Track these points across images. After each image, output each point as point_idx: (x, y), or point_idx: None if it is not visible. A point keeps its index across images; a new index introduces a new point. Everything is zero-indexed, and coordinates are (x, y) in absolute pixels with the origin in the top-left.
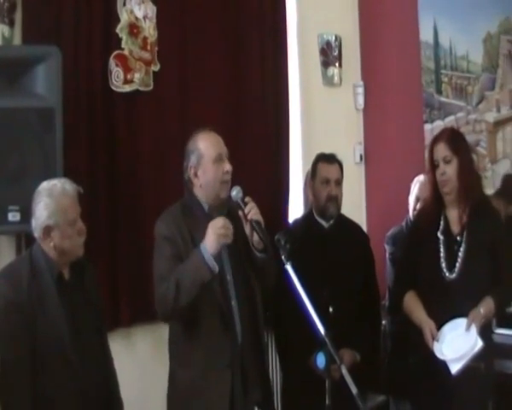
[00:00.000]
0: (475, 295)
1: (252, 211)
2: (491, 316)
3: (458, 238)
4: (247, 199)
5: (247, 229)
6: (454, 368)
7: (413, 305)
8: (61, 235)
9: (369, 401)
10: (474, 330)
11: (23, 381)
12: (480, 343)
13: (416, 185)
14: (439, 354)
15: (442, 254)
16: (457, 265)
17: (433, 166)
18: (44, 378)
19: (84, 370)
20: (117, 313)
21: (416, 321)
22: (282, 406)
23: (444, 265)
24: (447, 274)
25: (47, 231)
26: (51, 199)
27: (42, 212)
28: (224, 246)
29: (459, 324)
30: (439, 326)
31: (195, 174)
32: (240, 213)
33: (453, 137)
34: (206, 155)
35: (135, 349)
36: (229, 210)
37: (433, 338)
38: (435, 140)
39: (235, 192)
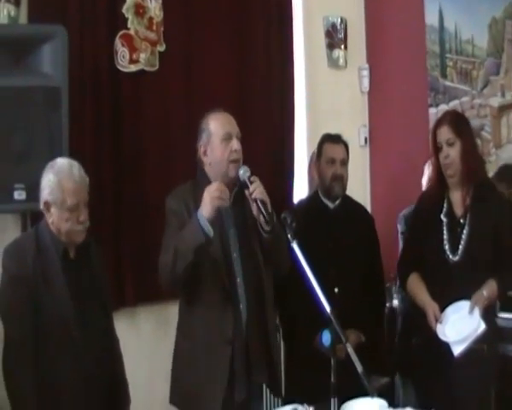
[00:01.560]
0: (478, 278)
1: (256, 190)
2: (494, 299)
3: (461, 221)
4: (252, 178)
5: (254, 209)
6: (456, 350)
7: (416, 287)
8: (58, 215)
9: (372, 382)
10: (476, 312)
11: (27, 357)
12: (482, 326)
13: (430, 167)
14: (441, 336)
15: (445, 237)
16: (460, 247)
17: (437, 148)
18: (48, 356)
19: (88, 349)
20: (121, 292)
21: (420, 303)
22: (285, 386)
23: (447, 247)
24: (450, 256)
25: (47, 206)
26: (56, 177)
27: (45, 186)
28: (232, 224)
29: (462, 306)
30: (443, 308)
31: (205, 153)
32: (246, 192)
33: (456, 120)
34: (215, 134)
35: (139, 329)
36: (239, 189)
37: (437, 320)
38: (438, 123)
39: (243, 171)
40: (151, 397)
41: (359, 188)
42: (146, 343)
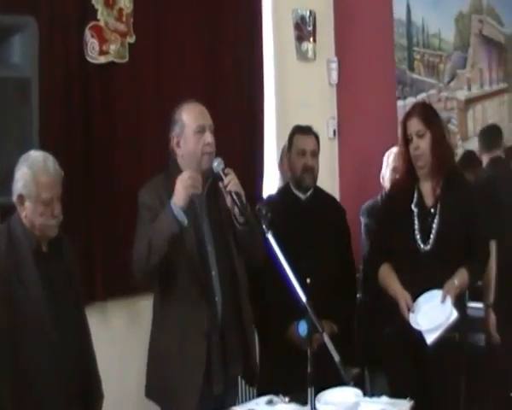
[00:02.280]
0: (449, 267)
1: (231, 182)
2: (465, 287)
3: (432, 210)
4: (227, 170)
5: (228, 201)
6: (429, 338)
7: (388, 277)
8: (32, 209)
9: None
10: (449, 301)
11: (2, 353)
12: (455, 314)
13: (391, 157)
14: (414, 325)
15: (416, 227)
16: (432, 236)
17: (406, 140)
18: (22, 352)
19: (62, 345)
20: (92, 287)
21: (392, 293)
22: (260, 377)
23: (418, 237)
24: (422, 246)
25: (20, 199)
26: (30, 171)
27: (19, 179)
28: (206, 216)
29: (434, 295)
30: (414, 298)
31: (178, 144)
32: (220, 184)
33: (425, 112)
34: (188, 126)
35: (110, 324)
36: (213, 181)
37: (409, 309)
38: (408, 115)
39: (217, 163)
40: (123, 393)
41: (328, 180)
42: (117, 339)
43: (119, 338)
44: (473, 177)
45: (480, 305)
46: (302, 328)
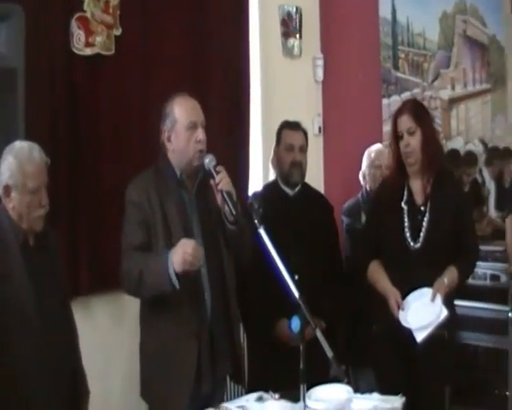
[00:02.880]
0: (439, 265)
1: (223, 181)
2: (455, 286)
3: (422, 208)
4: (218, 168)
5: (219, 199)
6: (419, 336)
7: (377, 274)
8: (19, 199)
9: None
10: (438, 299)
11: None
12: (444, 312)
13: (372, 155)
14: (404, 323)
15: (406, 224)
16: (421, 234)
17: (397, 137)
18: (7, 347)
19: (48, 339)
20: (76, 281)
21: (381, 290)
22: (248, 374)
23: (408, 234)
24: (411, 244)
25: (7, 190)
26: (16, 160)
27: (4, 170)
28: (195, 212)
29: (424, 293)
30: (404, 295)
31: (169, 139)
32: (211, 182)
33: (416, 109)
34: (180, 121)
35: (95, 319)
36: (203, 178)
37: (399, 307)
38: (399, 112)
39: (208, 160)
40: (107, 389)
41: (313, 177)
42: (101, 334)
43: (103, 333)
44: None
45: (469, 303)
46: (295, 324)
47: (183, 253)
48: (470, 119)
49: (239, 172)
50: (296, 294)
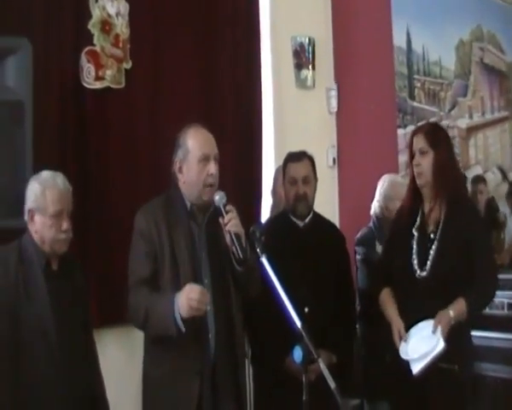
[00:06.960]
0: (446, 295)
1: (231, 222)
2: (463, 317)
3: (432, 236)
4: (228, 207)
5: (228, 239)
6: (415, 368)
7: (386, 302)
8: (41, 222)
9: (344, 404)
10: (438, 331)
11: (4, 368)
12: (441, 344)
13: (385, 185)
14: (403, 355)
15: (414, 251)
16: (428, 263)
17: (412, 157)
18: (28, 371)
19: (69, 366)
20: None
21: (388, 319)
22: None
23: (415, 262)
24: (418, 272)
25: (31, 214)
26: (39, 186)
27: (30, 195)
28: (204, 248)
29: (427, 325)
30: (410, 324)
31: (180, 170)
32: (220, 220)
33: (433, 131)
34: (192, 153)
35: (105, 351)
36: (214, 212)
37: (401, 338)
38: (415, 131)
39: (219, 197)
40: None
41: (327, 209)
42: (111, 366)
43: (113, 366)
44: None
45: (485, 334)
46: (297, 354)
47: (189, 299)
48: (489, 147)
49: (251, 204)
50: (298, 323)
